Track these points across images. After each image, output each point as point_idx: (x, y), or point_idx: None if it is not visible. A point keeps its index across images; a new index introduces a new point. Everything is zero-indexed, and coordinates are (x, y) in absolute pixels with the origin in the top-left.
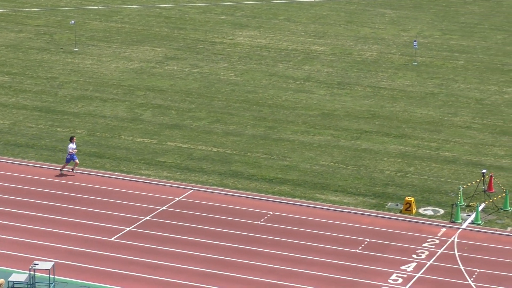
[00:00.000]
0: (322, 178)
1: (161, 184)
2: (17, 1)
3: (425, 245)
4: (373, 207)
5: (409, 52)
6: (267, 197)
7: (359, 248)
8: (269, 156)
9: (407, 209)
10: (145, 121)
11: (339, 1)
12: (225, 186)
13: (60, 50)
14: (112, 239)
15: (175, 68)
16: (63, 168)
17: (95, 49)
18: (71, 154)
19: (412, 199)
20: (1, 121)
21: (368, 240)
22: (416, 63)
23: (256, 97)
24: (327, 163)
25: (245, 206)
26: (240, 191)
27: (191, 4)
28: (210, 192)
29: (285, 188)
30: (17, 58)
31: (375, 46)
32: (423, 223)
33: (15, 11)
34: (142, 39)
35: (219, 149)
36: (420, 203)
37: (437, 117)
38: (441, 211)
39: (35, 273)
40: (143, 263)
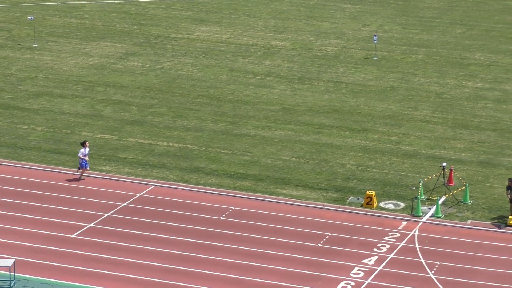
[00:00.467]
0: (284, 173)
1: (122, 180)
2: None
3: (386, 238)
4: (334, 201)
5: (369, 47)
6: (228, 192)
7: (321, 242)
8: (230, 151)
9: (368, 203)
10: (106, 117)
11: None
12: (186, 181)
13: (19, 46)
14: (73, 235)
15: (136, 64)
16: (82, 173)
17: (54, 45)
18: (84, 159)
19: (373, 193)
20: None
21: (329, 234)
22: (376, 58)
23: (217, 92)
24: (288, 158)
25: (206, 201)
26: (201, 186)
27: (151, 0)
28: (171, 187)
29: (247, 183)
30: None
31: (336, 41)
32: (384, 216)
33: None
34: (102, 35)
35: (180, 144)
36: (381, 197)
37: (397, 111)
38: (402, 204)
39: None
40: (104, 259)
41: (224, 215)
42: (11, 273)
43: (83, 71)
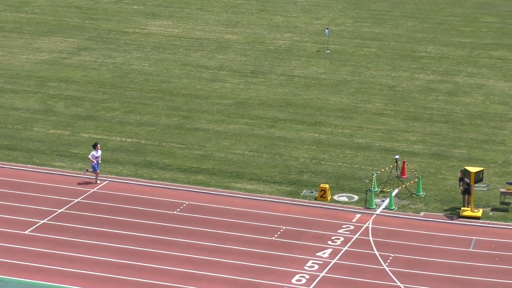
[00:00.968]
0: (238, 167)
1: (75, 176)
2: None
3: (340, 231)
4: (288, 194)
5: (322, 40)
6: (182, 186)
7: (275, 235)
8: (184, 146)
9: (322, 196)
10: (58, 112)
11: None
12: (140, 176)
13: None
14: (26, 232)
15: (88, 58)
16: (97, 177)
17: (5, 40)
18: (97, 162)
19: (327, 186)
20: None
21: (284, 227)
22: (328, 51)
23: (170, 86)
24: (242, 151)
25: (160, 196)
26: (155, 181)
27: None
28: (125, 183)
29: (201, 177)
30: None
31: (288, 34)
32: (338, 209)
33: None
34: (53, 30)
35: (133, 139)
36: (334, 189)
37: (350, 104)
38: (356, 197)
39: None
40: (58, 255)
41: (179, 209)
42: None
43: (34, 66)
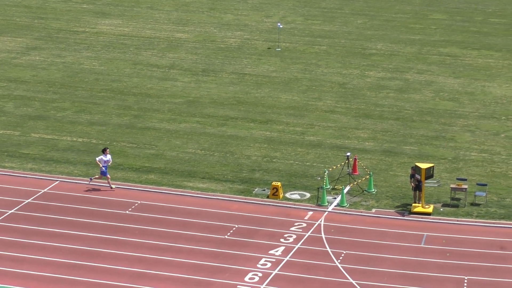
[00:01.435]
0: (189, 166)
1: (25, 177)
2: None
3: (292, 229)
4: (240, 193)
5: (273, 38)
6: (134, 186)
7: (228, 234)
8: (135, 145)
9: (274, 194)
10: (8, 112)
11: None
12: (91, 176)
13: None
14: None
15: (37, 58)
16: (94, 179)
17: None
18: (105, 167)
19: (279, 183)
20: None
21: (236, 226)
22: (279, 49)
23: (121, 86)
24: (193, 150)
25: (112, 196)
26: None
27: None
28: (76, 183)
29: (152, 176)
30: None
31: (239, 32)
32: (290, 207)
33: None
34: (1, 30)
35: (84, 139)
36: (286, 187)
37: (301, 102)
38: (308, 194)
39: None
40: (8, 257)
41: (130, 209)
42: None
43: None
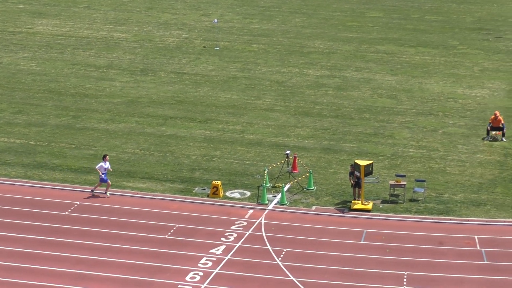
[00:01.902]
0: (129, 166)
1: None
2: None
3: (233, 227)
4: (180, 192)
5: (211, 37)
6: (73, 187)
7: (168, 233)
8: (74, 146)
9: (215, 193)
10: None
11: None
12: (29, 178)
13: None
14: None
15: None
16: (95, 189)
17: None
18: (105, 174)
19: (219, 182)
20: None
21: (177, 225)
22: (218, 48)
23: (58, 86)
24: (133, 150)
25: (51, 197)
26: (45, 182)
27: None
28: (14, 184)
29: (92, 177)
30: None
31: (177, 32)
32: (230, 206)
33: None
34: None
35: (22, 140)
36: (227, 186)
37: (240, 100)
38: (248, 193)
39: None
40: None
41: (70, 210)
42: None
43: None
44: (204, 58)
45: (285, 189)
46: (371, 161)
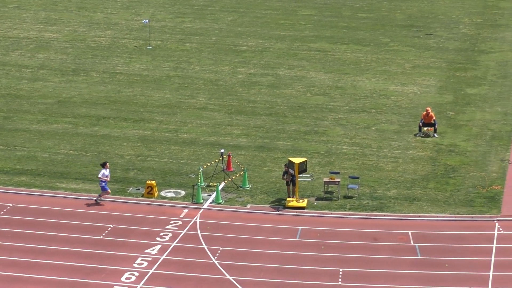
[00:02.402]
0: (62, 167)
1: None
2: None
3: (168, 227)
4: (115, 192)
5: (143, 36)
6: (5, 189)
7: (103, 234)
8: (6, 147)
9: (149, 192)
10: None
11: None
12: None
13: None
14: None
15: None
16: (102, 196)
17: None
18: (105, 182)
19: (154, 182)
20: None
21: (111, 226)
22: (150, 47)
23: None
24: (66, 151)
25: None
26: None
27: None
28: None
29: (24, 178)
30: None
31: (109, 31)
32: (165, 205)
33: None
34: None
35: None
36: (161, 186)
37: (174, 100)
38: (183, 192)
39: None
40: None
41: (2, 212)
42: None
43: None
44: (137, 58)
45: (220, 187)
46: (305, 159)
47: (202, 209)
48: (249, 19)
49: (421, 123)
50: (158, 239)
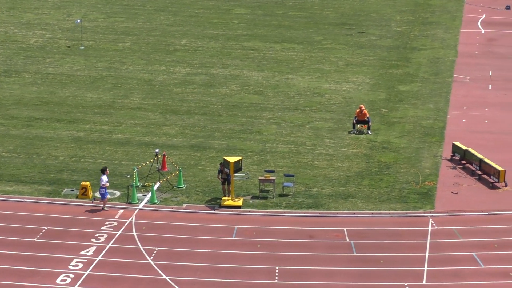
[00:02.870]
0: None
1: None
2: None
3: (103, 228)
4: (49, 194)
5: (76, 37)
6: None
7: (37, 236)
8: None
9: (84, 193)
10: None
11: None
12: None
13: None
14: None
15: None
16: (105, 204)
17: None
18: (104, 188)
19: (88, 183)
20: None
21: (46, 228)
22: (83, 47)
23: None
24: None
25: None
26: None
27: None
28: None
29: None
30: None
31: (40, 31)
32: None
33: None
34: None
35: None
36: (96, 187)
37: (107, 100)
38: (118, 193)
39: None
40: None
41: None
42: None
43: None
44: (69, 58)
45: (155, 187)
46: (240, 158)
47: (138, 210)
48: (182, 18)
49: (354, 121)
50: (93, 240)
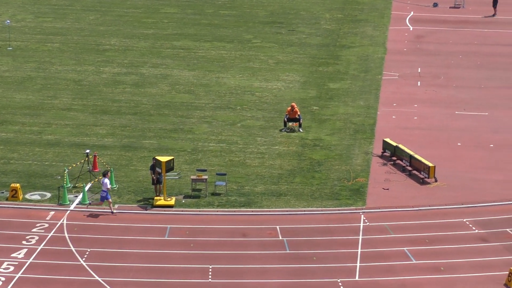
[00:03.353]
0: None
1: None
2: None
3: (34, 230)
4: None
5: (3, 37)
6: None
7: None
8: None
9: (14, 196)
10: None
11: None
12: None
13: None
14: None
15: None
16: (112, 208)
17: None
18: (106, 191)
19: (18, 185)
20: None
21: None
22: (11, 48)
23: None
24: None
25: None
26: None
27: None
28: None
29: None
30: None
31: None
32: (31, 208)
33: None
34: None
35: None
36: (26, 188)
37: (36, 101)
38: (48, 194)
39: None
40: None
41: None
42: None
43: None
44: None
45: (87, 188)
46: (172, 157)
47: (69, 211)
48: (111, 18)
49: (286, 119)
50: (24, 242)
